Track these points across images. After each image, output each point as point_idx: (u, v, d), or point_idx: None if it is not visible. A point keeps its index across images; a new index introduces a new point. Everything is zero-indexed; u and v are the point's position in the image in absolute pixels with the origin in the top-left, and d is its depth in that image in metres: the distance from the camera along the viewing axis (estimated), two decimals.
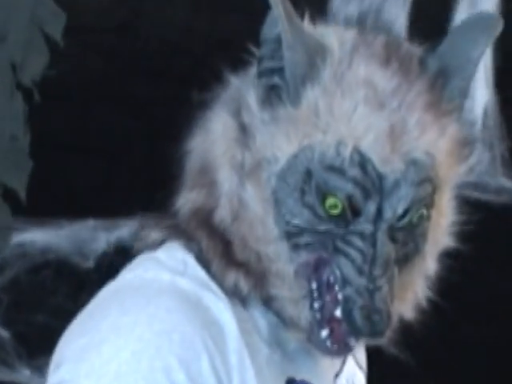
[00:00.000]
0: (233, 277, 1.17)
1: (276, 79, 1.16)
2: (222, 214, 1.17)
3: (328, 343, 1.16)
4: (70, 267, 2.70)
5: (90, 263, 2.69)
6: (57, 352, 1.17)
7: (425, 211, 1.16)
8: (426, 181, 1.15)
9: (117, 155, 4.54)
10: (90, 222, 2.68)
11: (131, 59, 3.51)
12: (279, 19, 1.10)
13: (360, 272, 1.12)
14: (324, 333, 1.15)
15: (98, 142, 4.27)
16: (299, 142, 1.15)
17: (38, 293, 2.69)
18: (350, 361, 1.34)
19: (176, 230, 1.22)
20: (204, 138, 1.21)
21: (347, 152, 1.12)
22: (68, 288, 2.72)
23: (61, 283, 2.72)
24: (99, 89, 3.53)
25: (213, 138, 1.19)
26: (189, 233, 1.20)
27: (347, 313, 1.12)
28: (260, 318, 1.20)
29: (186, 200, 1.21)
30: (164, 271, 1.16)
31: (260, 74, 1.16)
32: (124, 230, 2.45)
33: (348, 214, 1.14)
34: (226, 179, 1.17)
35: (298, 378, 1.21)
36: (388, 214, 1.13)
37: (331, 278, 1.14)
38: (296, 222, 1.15)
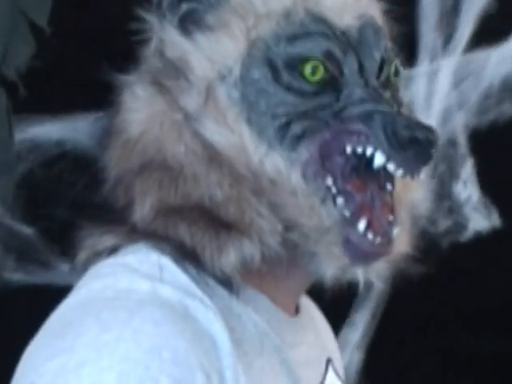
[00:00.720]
0: (232, 248, 1.05)
1: (186, 5, 1.11)
2: (198, 186, 1.06)
3: (370, 236, 1.05)
4: (88, 159, 2.63)
5: None
6: (20, 375, 1.02)
7: (398, 62, 1.13)
8: (384, 35, 1.13)
9: None
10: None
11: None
12: None
13: (375, 104, 1.06)
14: (361, 225, 1.05)
15: None
16: (246, 38, 1.08)
17: (55, 186, 2.59)
18: (331, 371, 1.24)
19: (134, 233, 1.09)
20: (136, 127, 1.11)
21: (301, 15, 1.08)
22: (86, 180, 2.63)
23: (78, 176, 2.64)
24: None
25: (143, 124, 1.10)
26: (156, 233, 1.08)
27: (391, 137, 1.04)
28: (251, 310, 1.10)
29: (145, 201, 1.09)
30: (139, 278, 1.03)
31: (172, 6, 1.11)
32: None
33: (333, 72, 1.07)
34: (180, 149, 1.07)
35: None
36: (369, 63, 1.09)
37: (345, 158, 1.07)
38: (282, 110, 1.06)
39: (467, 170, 2.55)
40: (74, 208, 2.42)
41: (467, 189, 2.55)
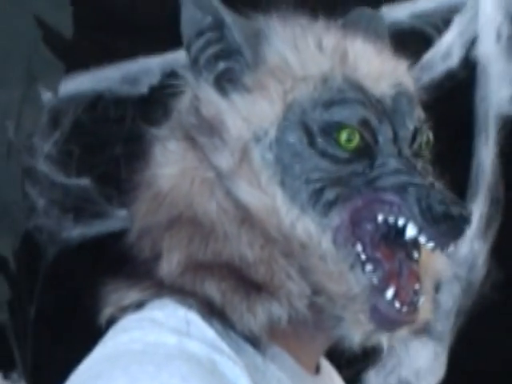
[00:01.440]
0: (261, 309, 1.05)
1: (223, 63, 1.12)
2: (230, 244, 1.07)
3: (397, 305, 1.05)
4: (122, 97, 2.65)
5: (143, 89, 2.63)
6: None
7: (430, 134, 1.14)
8: (417, 104, 1.13)
9: None
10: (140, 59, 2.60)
11: None
12: (213, 8, 1.10)
13: (408, 177, 1.07)
14: (389, 293, 1.06)
15: None
16: (282, 100, 1.08)
17: (103, 127, 2.60)
18: None
19: (161, 288, 1.09)
20: (166, 182, 1.11)
21: (339, 81, 1.08)
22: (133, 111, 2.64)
23: (118, 111, 2.64)
24: None
25: (173, 179, 1.10)
26: (183, 288, 1.07)
27: (425, 211, 1.04)
28: (274, 368, 1.10)
29: (172, 256, 1.09)
30: (167, 333, 1.03)
31: (209, 64, 1.11)
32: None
33: (368, 140, 1.07)
34: (211, 208, 1.08)
35: None
36: (403, 132, 1.09)
37: (376, 227, 1.07)
38: (316, 175, 1.06)
39: None
40: (125, 144, 2.46)
41: None
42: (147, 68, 2.59)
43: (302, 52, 1.10)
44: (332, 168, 1.06)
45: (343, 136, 1.06)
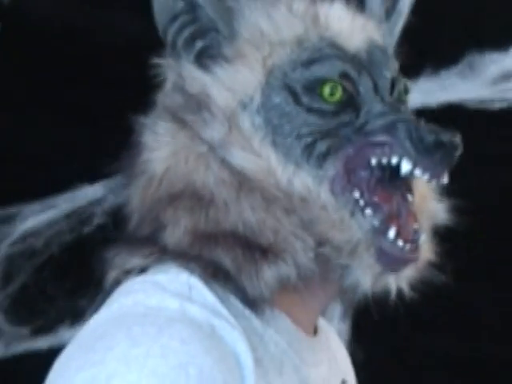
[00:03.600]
0: (270, 271, 1.06)
1: (200, 42, 1.14)
2: (229, 212, 1.09)
3: (400, 243, 1.07)
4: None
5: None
6: None
7: (407, 82, 1.17)
8: (391, 56, 1.17)
9: None
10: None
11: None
12: None
13: (395, 115, 1.09)
14: (391, 233, 1.07)
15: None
16: (263, 66, 1.11)
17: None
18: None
19: (164, 254, 1.10)
20: (155, 168, 1.14)
21: (314, 41, 1.12)
22: None
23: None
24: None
25: (166, 159, 1.13)
26: (186, 254, 1.08)
27: (417, 143, 1.06)
28: (273, 331, 1.12)
29: (175, 227, 1.10)
30: (169, 297, 1.04)
31: (187, 45, 1.14)
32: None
33: (350, 91, 1.10)
34: (208, 179, 1.09)
35: None
36: (382, 81, 1.12)
37: (370, 171, 1.09)
38: (306, 130, 1.09)
39: None
40: None
41: None
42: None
43: (275, 18, 1.12)
44: (320, 122, 1.08)
45: (326, 90, 1.09)
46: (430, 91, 2.22)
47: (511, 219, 2.54)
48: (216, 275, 1.06)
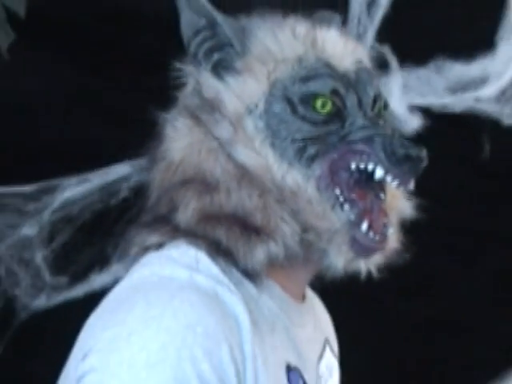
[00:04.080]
0: (261, 250, 1.19)
1: (217, 54, 1.25)
2: (231, 197, 1.20)
3: (371, 235, 1.19)
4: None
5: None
6: (80, 343, 1.17)
7: (387, 101, 1.28)
8: (375, 77, 1.28)
9: None
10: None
11: None
12: (206, 11, 1.25)
13: (373, 130, 1.20)
14: (364, 225, 1.19)
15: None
16: (267, 79, 1.22)
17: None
18: (328, 350, 1.39)
19: (177, 232, 1.22)
20: (177, 153, 1.24)
21: (311, 61, 1.23)
22: None
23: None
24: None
25: (183, 150, 1.23)
26: (195, 233, 1.20)
27: (388, 156, 1.18)
28: (267, 297, 1.22)
29: (186, 208, 1.21)
30: (180, 268, 1.16)
31: (206, 56, 1.25)
32: None
33: (338, 105, 1.21)
34: (216, 169, 1.20)
35: (292, 363, 1.24)
36: (365, 98, 1.23)
37: (349, 173, 1.20)
38: (299, 136, 1.19)
39: None
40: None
41: None
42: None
43: (280, 39, 1.24)
44: (311, 129, 1.20)
45: (318, 103, 1.20)
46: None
47: (465, 212, 2.68)
48: (218, 250, 1.18)
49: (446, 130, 2.36)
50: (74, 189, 2.65)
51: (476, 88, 2.36)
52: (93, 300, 1.31)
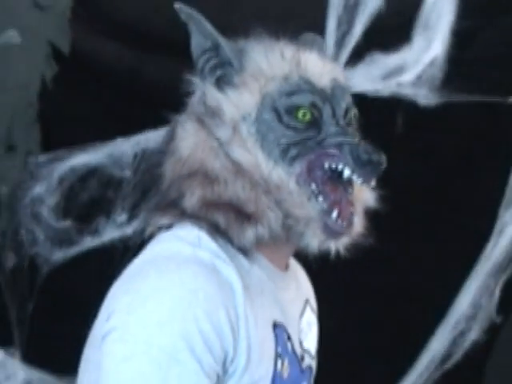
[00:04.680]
0: (251, 231, 1.33)
1: (220, 71, 1.39)
2: (228, 188, 1.33)
3: (339, 222, 1.34)
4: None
5: (126, 173, 2.86)
6: (105, 307, 1.32)
7: (356, 111, 1.41)
8: (348, 93, 1.41)
9: None
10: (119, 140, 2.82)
11: None
12: (212, 35, 1.40)
13: (343, 138, 1.35)
14: (334, 214, 1.34)
15: None
16: (259, 93, 1.36)
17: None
18: (308, 309, 1.54)
19: (183, 215, 1.36)
20: (185, 150, 1.38)
21: (295, 79, 1.37)
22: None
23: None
24: None
25: (190, 148, 1.37)
26: (198, 216, 1.34)
27: (355, 159, 1.32)
28: (257, 268, 1.37)
29: (191, 196, 1.35)
30: (185, 245, 1.31)
31: (210, 72, 1.40)
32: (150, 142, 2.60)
33: (316, 116, 1.35)
34: (216, 165, 1.34)
35: (278, 320, 1.39)
36: (338, 110, 1.37)
37: (323, 172, 1.34)
38: (284, 140, 1.34)
39: None
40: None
41: None
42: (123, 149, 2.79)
43: (270, 60, 1.38)
44: (294, 135, 1.34)
45: (300, 114, 1.35)
46: None
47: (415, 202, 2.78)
48: (216, 231, 1.32)
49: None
50: (82, 157, 2.85)
51: (398, 75, 2.54)
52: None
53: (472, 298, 2.69)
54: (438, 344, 2.72)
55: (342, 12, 2.45)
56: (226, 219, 1.33)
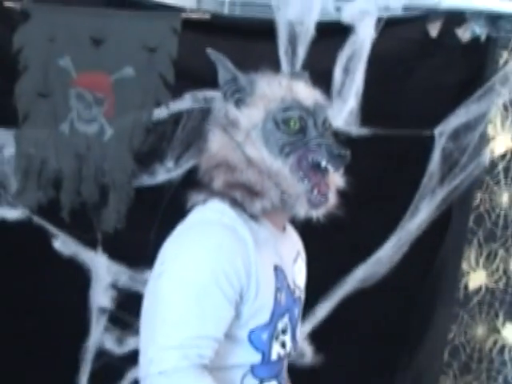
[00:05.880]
0: (259, 204, 1.70)
1: (237, 95, 1.79)
2: (243, 174, 1.71)
3: (319, 197, 1.73)
4: None
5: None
6: (161, 254, 1.65)
7: (331, 121, 1.78)
8: (326, 109, 1.78)
9: None
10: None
11: None
12: (232, 71, 1.78)
13: (321, 140, 1.71)
14: (315, 192, 1.72)
15: None
16: (264, 110, 1.76)
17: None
18: (299, 259, 1.93)
19: (213, 193, 1.75)
20: (214, 149, 1.77)
21: (289, 100, 1.76)
22: None
23: None
24: None
25: (217, 147, 1.77)
26: (223, 193, 1.72)
27: (329, 154, 1.68)
28: (263, 229, 1.74)
29: (218, 180, 1.74)
30: (214, 213, 1.71)
31: (231, 95, 1.79)
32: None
33: (303, 125, 1.72)
34: (235, 159, 1.74)
35: (277, 264, 1.74)
36: (318, 121, 1.75)
37: (308, 163, 1.69)
38: (280, 142, 1.72)
39: None
40: None
41: None
42: None
43: (272, 87, 1.76)
44: (288, 138, 1.73)
45: (292, 123, 1.74)
46: None
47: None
48: (235, 204, 1.70)
49: None
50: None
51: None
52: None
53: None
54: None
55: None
56: (242, 196, 1.71)
